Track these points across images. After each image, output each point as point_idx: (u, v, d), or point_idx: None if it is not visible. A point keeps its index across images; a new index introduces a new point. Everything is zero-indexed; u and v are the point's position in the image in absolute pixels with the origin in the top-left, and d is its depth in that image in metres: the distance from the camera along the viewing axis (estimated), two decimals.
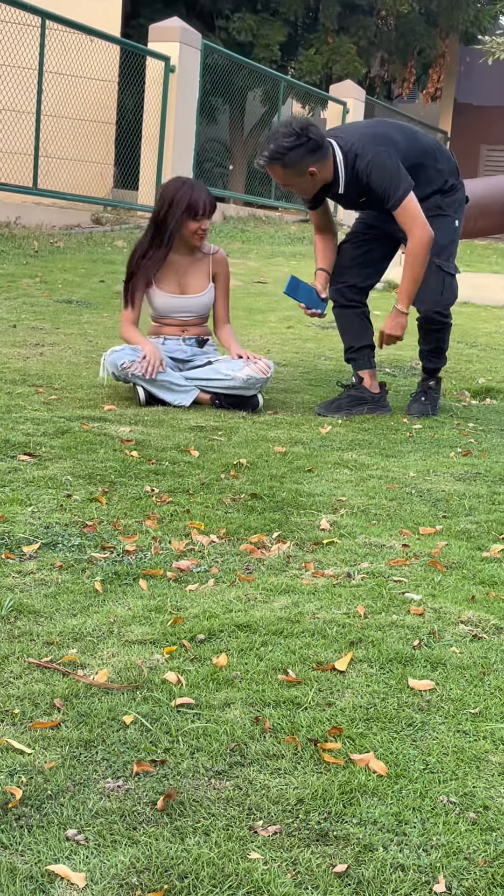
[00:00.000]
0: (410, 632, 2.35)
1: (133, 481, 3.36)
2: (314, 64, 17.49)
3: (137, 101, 12.50)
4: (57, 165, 11.20)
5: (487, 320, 7.83)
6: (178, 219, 4.51)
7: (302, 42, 17.98)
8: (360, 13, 17.97)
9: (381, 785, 1.74)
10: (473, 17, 19.26)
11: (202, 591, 2.55)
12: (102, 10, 12.68)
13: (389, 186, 4.33)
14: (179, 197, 4.52)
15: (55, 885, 1.45)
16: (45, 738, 1.81)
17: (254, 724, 1.90)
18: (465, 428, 4.57)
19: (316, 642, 2.27)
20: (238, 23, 16.51)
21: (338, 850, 1.57)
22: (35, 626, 2.26)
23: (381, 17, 18.45)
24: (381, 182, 4.35)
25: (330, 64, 17.61)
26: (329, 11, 17.42)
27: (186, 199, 4.51)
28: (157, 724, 1.88)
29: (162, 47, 12.26)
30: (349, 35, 17.89)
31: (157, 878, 1.47)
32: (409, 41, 19.35)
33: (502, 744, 1.89)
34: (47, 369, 4.91)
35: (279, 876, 1.50)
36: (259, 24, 16.66)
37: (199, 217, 4.52)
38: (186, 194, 4.52)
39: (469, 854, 1.58)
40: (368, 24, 18.06)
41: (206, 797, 1.67)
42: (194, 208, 4.51)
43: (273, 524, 3.08)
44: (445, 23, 19.29)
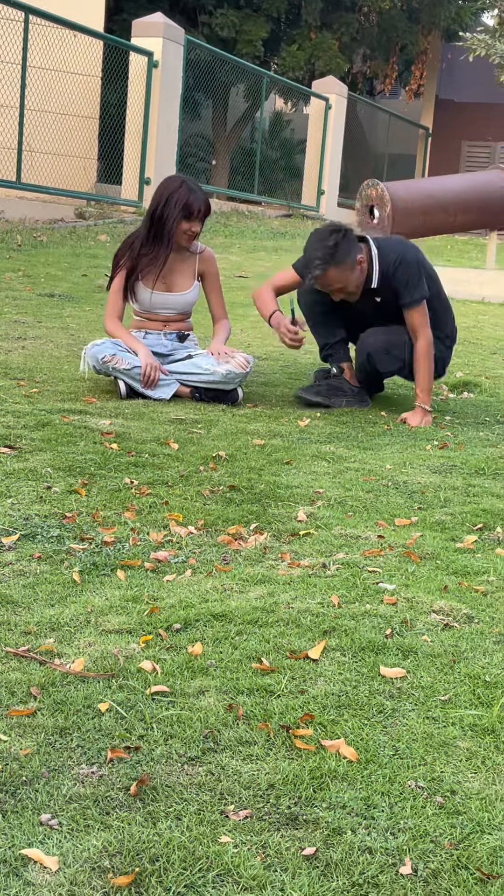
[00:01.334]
0: (383, 621, 2.37)
1: (113, 473, 3.37)
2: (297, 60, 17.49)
3: (121, 96, 12.48)
4: (40, 160, 11.18)
5: (466, 315, 7.85)
6: (174, 217, 4.52)
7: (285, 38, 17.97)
8: (342, 9, 17.97)
9: (351, 770, 1.76)
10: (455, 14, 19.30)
11: (179, 582, 2.57)
12: (86, 5, 12.64)
13: (410, 286, 4.51)
14: (177, 196, 4.52)
15: (28, 869, 1.46)
16: (21, 726, 1.82)
17: (227, 712, 1.92)
18: (442, 421, 4.59)
19: (290, 631, 2.29)
20: (221, 18, 16.49)
21: (307, 833, 1.59)
22: (13, 616, 2.27)
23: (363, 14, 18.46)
24: (404, 278, 4.50)
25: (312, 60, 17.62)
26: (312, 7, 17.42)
27: (184, 199, 4.51)
28: (132, 712, 1.89)
29: (145, 42, 12.24)
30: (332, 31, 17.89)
31: (128, 861, 1.49)
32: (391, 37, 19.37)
33: (470, 730, 1.92)
34: (29, 363, 4.91)
35: (249, 859, 1.52)
36: (242, 20, 16.66)
37: (192, 218, 4.53)
38: (184, 194, 4.52)
39: (435, 837, 1.60)
40: (351, 20, 18.07)
41: (178, 783, 1.69)
42: (189, 209, 4.52)
43: (251, 516, 3.10)
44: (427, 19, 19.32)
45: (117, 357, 4.44)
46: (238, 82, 16.43)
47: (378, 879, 1.50)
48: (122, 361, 4.44)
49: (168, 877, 1.47)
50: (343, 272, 4.44)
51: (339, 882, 1.49)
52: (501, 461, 3.92)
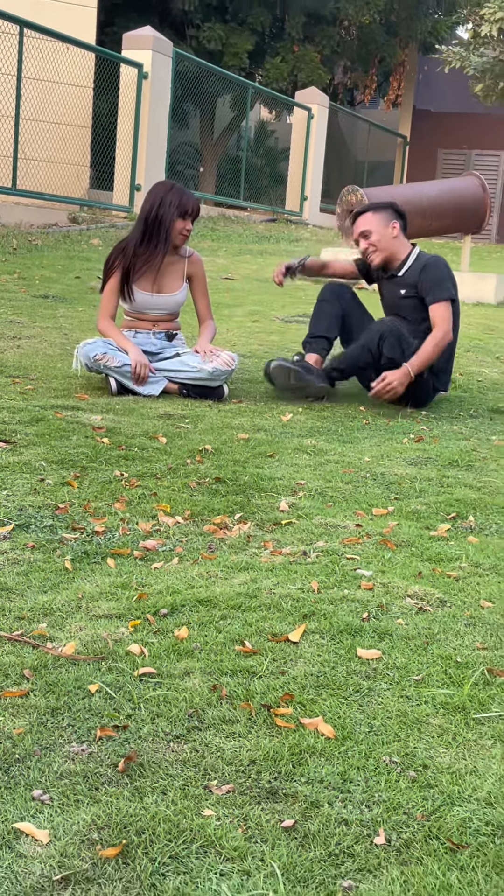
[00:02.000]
0: (360, 605, 2.37)
1: (104, 466, 3.37)
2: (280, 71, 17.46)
3: (112, 106, 12.45)
4: (35, 167, 11.14)
5: None
6: (170, 217, 4.53)
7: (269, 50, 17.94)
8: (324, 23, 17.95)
9: (329, 746, 1.76)
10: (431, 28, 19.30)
11: (167, 569, 2.57)
12: (78, 18, 12.61)
13: (440, 284, 4.66)
14: (171, 198, 4.54)
15: (20, 842, 1.46)
16: (14, 707, 1.82)
17: (211, 692, 1.92)
18: (418, 416, 4.60)
19: (272, 615, 2.29)
20: (208, 32, 16.45)
21: (286, 806, 1.60)
22: (7, 603, 2.27)
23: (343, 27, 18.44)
24: (435, 277, 4.67)
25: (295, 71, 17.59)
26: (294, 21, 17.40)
27: (177, 199, 4.54)
28: (121, 693, 1.90)
29: (135, 55, 12.21)
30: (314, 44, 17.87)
31: (116, 833, 1.49)
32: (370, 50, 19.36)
33: (442, 708, 1.93)
34: (24, 361, 4.90)
35: (230, 831, 1.52)
36: (228, 34, 16.62)
37: (186, 217, 4.55)
38: (177, 195, 4.56)
39: (408, 809, 1.61)
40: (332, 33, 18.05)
41: (164, 759, 1.70)
42: (184, 208, 4.54)
43: (235, 506, 3.10)
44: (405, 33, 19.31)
45: (108, 355, 4.44)
46: (224, 93, 16.41)
47: (353, 849, 1.51)
48: (113, 359, 4.45)
49: (154, 848, 1.47)
50: (375, 219, 4.71)
51: (316, 852, 1.49)
52: (474, 453, 3.94)
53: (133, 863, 1.44)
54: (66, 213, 11.52)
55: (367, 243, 4.72)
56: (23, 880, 1.39)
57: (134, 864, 1.44)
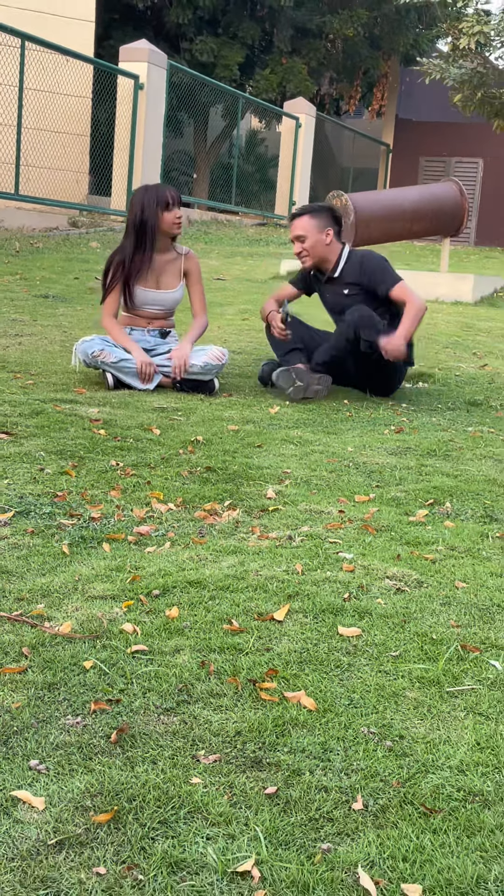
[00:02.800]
0: (342, 586, 2.38)
1: (100, 456, 3.37)
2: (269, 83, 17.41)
3: (109, 115, 12.41)
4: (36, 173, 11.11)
5: None
6: (155, 215, 4.52)
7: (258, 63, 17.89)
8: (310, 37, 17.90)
9: (311, 718, 1.77)
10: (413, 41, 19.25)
11: (159, 553, 2.57)
12: (77, 32, 12.56)
13: (385, 272, 4.71)
14: (148, 198, 4.54)
15: (18, 809, 1.47)
16: (12, 682, 1.83)
17: (200, 668, 1.93)
18: (399, 408, 4.61)
19: (258, 596, 2.30)
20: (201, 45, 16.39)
21: (269, 775, 1.60)
22: (7, 585, 2.27)
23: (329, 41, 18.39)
24: (377, 268, 4.71)
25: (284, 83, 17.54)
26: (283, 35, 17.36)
27: (155, 196, 4.54)
28: (114, 669, 1.90)
29: (131, 67, 12.17)
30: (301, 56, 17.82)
31: (108, 800, 1.50)
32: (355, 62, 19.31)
33: (418, 682, 1.93)
34: (25, 357, 4.89)
35: (217, 798, 1.53)
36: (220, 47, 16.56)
37: (171, 207, 4.55)
38: (153, 193, 4.56)
39: (385, 777, 1.61)
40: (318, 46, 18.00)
41: (154, 731, 1.70)
42: (164, 200, 4.54)
43: (225, 494, 3.11)
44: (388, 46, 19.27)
45: (105, 352, 4.44)
46: (216, 103, 16.36)
47: (332, 814, 1.51)
48: (110, 355, 4.45)
49: (144, 814, 1.48)
50: (311, 224, 4.68)
51: (297, 817, 1.50)
52: (451, 444, 3.94)
53: (124, 828, 1.44)
54: (66, 217, 11.49)
55: (300, 247, 4.72)
56: (20, 844, 1.39)
57: (125, 829, 1.44)
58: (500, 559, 2.68)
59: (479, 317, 7.79)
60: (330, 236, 4.71)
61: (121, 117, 12.29)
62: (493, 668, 2.01)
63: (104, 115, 12.53)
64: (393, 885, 1.38)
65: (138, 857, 1.39)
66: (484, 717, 1.82)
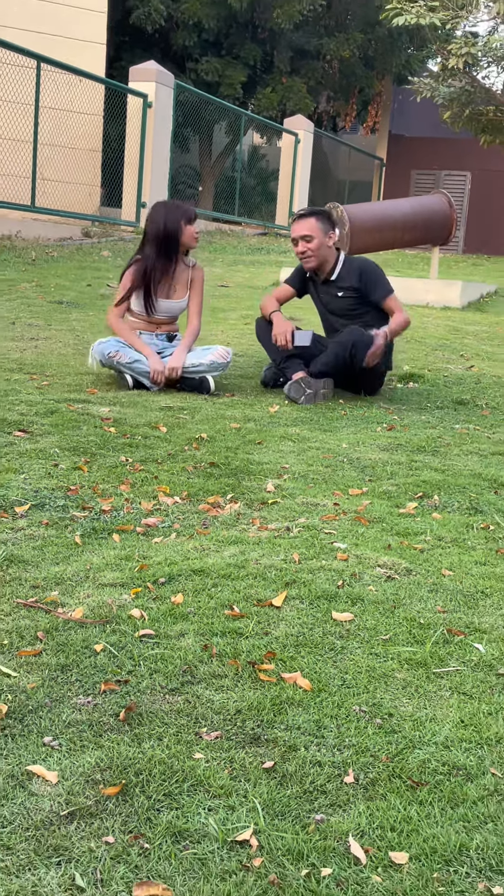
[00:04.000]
0: (336, 574, 2.39)
1: (111, 453, 3.38)
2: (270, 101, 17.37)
3: (120, 131, 12.39)
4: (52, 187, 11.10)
5: (413, 317, 7.85)
6: (179, 228, 4.54)
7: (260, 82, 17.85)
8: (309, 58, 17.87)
9: (306, 698, 1.78)
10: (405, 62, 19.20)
11: (165, 543, 2.58)
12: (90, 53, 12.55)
13: (381, 281, 4.70)
14: (172, 211, 4.56)
15: (32, 782, 1.48)
16: (28, 664, 1.84)
17: (203, 651, 1.94)
18: (390, 407, 4.61)
19: (257, 583, 2.30)
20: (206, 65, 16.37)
21: (267, 750, 1.61)
22: (23, 573, 2.28)
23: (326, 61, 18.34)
24: (374, 276, 4.70)
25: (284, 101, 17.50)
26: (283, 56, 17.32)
27: (179, 209, 4.56)
28: (123, 652, 1.91)
29: (140, 86, 12.15)
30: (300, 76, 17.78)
31: (116, 774, 1.51)
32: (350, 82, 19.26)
33: (406, 664, 1.94)
34: (40, 359, 4.90)
35: (218, 771, 1.54)
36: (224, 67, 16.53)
37: (193, 220, 4.59)
38: (177, 209, 4.58)
39: (374, 752, 1.62)
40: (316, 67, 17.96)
41: (160, 709, 1.71)
42: (189, 214, 4.58)
43: (227, 487, 3.11)
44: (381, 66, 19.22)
45: (120, 353, 4.47)
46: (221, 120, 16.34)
47: (326, 787, 1.52)
48: (125, 356, 4.47)
49: (150, 787, 1.48)
50: (318, 226, 4.66)
51: (293, 790, 1.51)
52: (439, 440, 3.95)
53: (131, 800, 1.45)
54: (80, 227, 11.48)
55: (306, 247, 4.65)
56: (34, 815, 1.40)
57: (132, 801, 1.45)
58: (485, 549, 2.69)
59: (467, 321, 7.78)
60: (332, 239, 4.70)
61: (131, 134, 12.27)
62: (476, 650, 2.02)
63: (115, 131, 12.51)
64: (381, 853, 1.38)
65: (144, 827, 1.40)
66: (468, 696, 1.83)
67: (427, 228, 8.02)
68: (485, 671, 1.93)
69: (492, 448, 3.87)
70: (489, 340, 6.93)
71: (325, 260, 4.72)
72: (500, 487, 3.30)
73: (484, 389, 5.19)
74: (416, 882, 1.34)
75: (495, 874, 1.36)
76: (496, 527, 2.89)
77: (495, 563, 2.56)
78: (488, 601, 2.29)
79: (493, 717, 1.76)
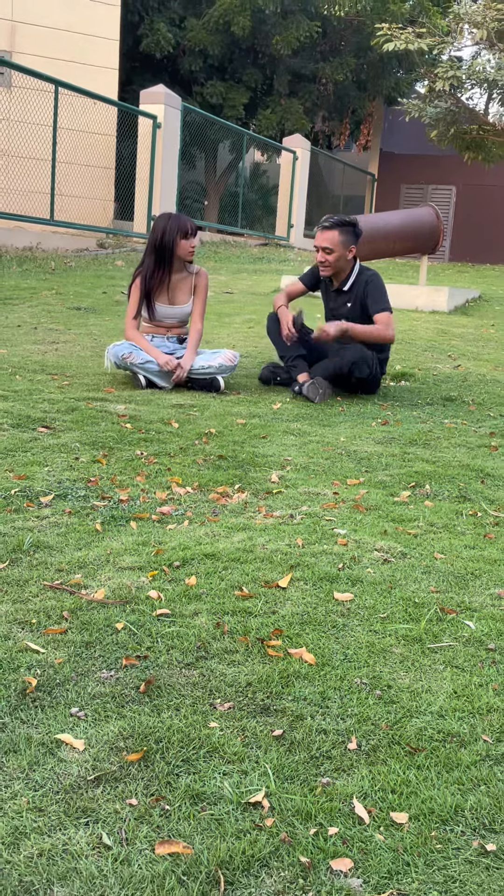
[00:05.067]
0: (336, 557, 2.39)
1: (127, 447, 3.38)
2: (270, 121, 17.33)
3: (132, 150, 12.37)
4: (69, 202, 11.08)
5: (404, 321, 7.85)
6: (174, 241, 4.51)
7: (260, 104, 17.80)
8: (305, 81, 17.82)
9: (311, 671, 1.78)
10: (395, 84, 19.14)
11: (179, 530, 2.58)
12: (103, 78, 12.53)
13: (381, 297, 4.61)
14: (171, 225, 4.52)
15: (61, 749, 1.48)
16: (55, 641, 1.84)
17: (216, 628, 1.94)
18: (384, 403, 4.60)
19: (264, 566, 2.30)
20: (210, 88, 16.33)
21: (276, 720, 1.61)
22: (49, 558, 2.28)
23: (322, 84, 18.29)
24: (376, 290, 4.61)
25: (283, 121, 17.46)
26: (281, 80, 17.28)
27: (177, 224, 4.52)
28: (142, 630, 1.91)
29: (150, 108, 12.12)
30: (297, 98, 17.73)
31: (138, 742, 1.51)
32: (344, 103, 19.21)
33: (403, 639, 1.94)
34: (61, 361, 4.89)
35: (231, 739, 1.54)
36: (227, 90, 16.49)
37: (188, 236, 4.53)
38: (175, 222, 4.53)
39: (375, 721, 1.62)
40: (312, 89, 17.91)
41: (177, 682, 1.71)
42: (184, 229, 4.52)
43: (235, 478, 3.11)
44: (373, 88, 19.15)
45: (133, 354, 4.47)
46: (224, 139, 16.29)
47: (331, 753, 1.52)
48: (137, 357, 4.47)
49: (169, 753, 1.49)
50: (339, 240, 4.56)
51: (300, 756, 1.51)
52: (430, 434, 3.94)
53: (152, 765, 1.46)
54: (95, 239, 11.47)
55: (325, 258, 4.59)
56: (63, 780, 1.41)
57: (153, 767, 1.45)
58: (473, 534, 2.69)
59: (454, 324, 7.77)
60: (352, 253, 4.60)
61: (141, 152, 12.24)
62: (467, 627, 2.02)
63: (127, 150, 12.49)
64: (383, 814, 1.39)
65: (165, 790, 1.40)
66: (460, 669, 1.83)
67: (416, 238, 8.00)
68: (475, 646, 1.93)
69: (478, 441, 3.86)
70: (474, 342, 6.92)
71: (341, 270, 4.67)
72: (486, 477, 3.29)
73: (470, 387, 5.19)
74: (416, 840, 1.34)
75: (488, 832, 1.37)
76: (483, 513, 2.88)
77: (483, 547, 2.56)
78: (478, 582, 2.29)
79: (484, 688, 1.76)
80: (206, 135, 14.56)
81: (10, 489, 2.75)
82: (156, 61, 16.05)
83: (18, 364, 4.70)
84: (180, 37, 15.72)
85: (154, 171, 12.22)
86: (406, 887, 1.25)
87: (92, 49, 12.64)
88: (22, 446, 3.23)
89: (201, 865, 1.26)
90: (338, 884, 1.25)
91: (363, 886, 1.25)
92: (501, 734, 1.60)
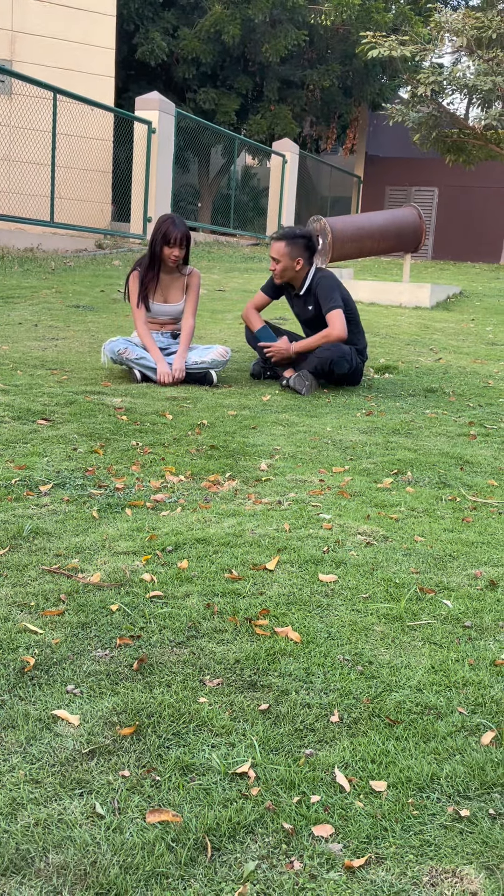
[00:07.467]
0: (322, 541, 2.39)
1: (123, 438, 3.37)
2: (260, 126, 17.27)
3: (128, 155, 12.31)
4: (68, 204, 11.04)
5: (388, 316, 7.85)
6: (159, 247, 4.49)
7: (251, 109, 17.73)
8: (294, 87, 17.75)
9: (296, 649, 1.78)
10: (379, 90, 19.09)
11: (172, 516, 2.58)
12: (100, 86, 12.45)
13: (329, 296, 4.58)
14: (163, 229, 4.49)
15: (57, 724, 1.48)
16: (52, 622, 1.84)
17: (206, 609, 1.94)
18: (368, 395, 4.60)
19: (253, 550, 2.30)
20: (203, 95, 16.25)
21: (263, 694, 1.62)
22: (47, 543, 2.28)
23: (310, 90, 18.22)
24: (324, 290, 4.60)
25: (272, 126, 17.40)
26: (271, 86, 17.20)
27: (164, 229, 4.47)
28: (136, 611, 1.91)
29: (145, 114, 12.06)
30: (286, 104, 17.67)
31: (131, 717, 1.51)
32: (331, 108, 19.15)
33: (384, 618, 1.95)
34: (60, 357, 4.88)
35: (220, 713, 1.54)
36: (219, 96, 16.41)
37: (171, 245, 4.47)
38: (165, 226, 4.48)
39: (356, 695, 1.63)
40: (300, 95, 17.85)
41: (169, 660, 1.71)
42: (168, 237, 4.47)
43: (226, 467, 3.11)
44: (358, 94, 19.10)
45: (128, 349, 4.45)
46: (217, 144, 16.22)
47: (314, 726, 1.53)
48: (132, 353, 4.45)
49: (160, 727, 1.49)
50: (286, 251, 4.58)
51: (285, 728, 1.52)
52: (412, 424, 3.94)
53: (144, 739, 1.46)
54: (93, 240, 11.42)
55: (273, 266, 4.65)
56: (59, 753, 1.41)
57: (145, 740, 1.46)
58: (452, 518, 2.69)
59: (435, 319, 7.77)
60: (300, 264, 4.59)
61: (137, 156, 12.19)
62: (445, 606, 2.03)
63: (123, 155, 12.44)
64: (363, 782, 1.39)
65: (156, 762, 1.41)
66: (438, 646, 1.84)
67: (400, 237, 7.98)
68: (452, 624, 1.94)
69: (458, 430, 3.87)
70: (455, 336, 6.92)
71: (292, 278, 4.66)
72: (465, 464, 3.30)
73: (451, 379, 5.19)
74: (394, 806, 1.34)
75: (462, 799, 1.37)
76: (462, 498, 2.89)
77: (461, 530, 2.56)
78: (455, 563, 2.30)
79: (460, 663, 1.77)
80: (199, 139, 14.50)
81: (11, 479, 2.75)
82: (150, 69, 15.97)
83: (19, 360, 4.68)
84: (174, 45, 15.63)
85: (149, 175, 12.17)
86: (384, 851, 1.26)
87: (89, 58, 12.57)
88: (22, 438, 3.22)
89: (190, 833, 1.26)
90: (319, 849, 1.25)
91: (343, 851, 1.25)
92: (476, 707, 1.61)
